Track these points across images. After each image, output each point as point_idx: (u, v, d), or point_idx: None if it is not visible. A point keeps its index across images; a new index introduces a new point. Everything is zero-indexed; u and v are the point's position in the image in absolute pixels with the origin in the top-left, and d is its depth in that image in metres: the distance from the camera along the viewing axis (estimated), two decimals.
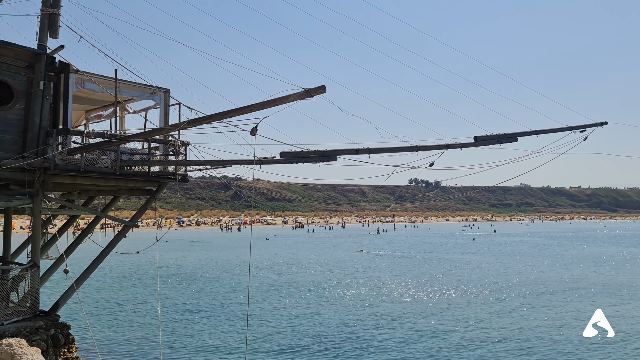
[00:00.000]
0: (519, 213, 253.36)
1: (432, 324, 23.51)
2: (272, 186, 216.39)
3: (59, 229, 18.82)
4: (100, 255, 16.14)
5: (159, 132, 14.77)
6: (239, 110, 11.66)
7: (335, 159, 13.01)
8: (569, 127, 14.75)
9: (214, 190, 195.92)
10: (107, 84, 15.07)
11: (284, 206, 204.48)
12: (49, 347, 13.91)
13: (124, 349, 19.20)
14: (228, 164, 14.53)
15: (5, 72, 13.22)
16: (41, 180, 13.52)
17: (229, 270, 44.94)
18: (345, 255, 60.07)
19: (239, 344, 19.83)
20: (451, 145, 13.61)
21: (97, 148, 13.89)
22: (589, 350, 18.65)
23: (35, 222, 14.27)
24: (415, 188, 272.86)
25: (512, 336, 20.79)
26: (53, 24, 13.83)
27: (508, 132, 14.46)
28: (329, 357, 18.39)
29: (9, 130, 13.30)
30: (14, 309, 14.08)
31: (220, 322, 23.92)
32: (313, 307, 27.57)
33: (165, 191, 16.99)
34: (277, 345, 19.74)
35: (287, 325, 23.12)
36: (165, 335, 20.97)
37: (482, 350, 18.97)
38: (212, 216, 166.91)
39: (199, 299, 30.33)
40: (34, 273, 14.00)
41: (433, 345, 19.90)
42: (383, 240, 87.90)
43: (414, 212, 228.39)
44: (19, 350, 7.75)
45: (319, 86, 10.87)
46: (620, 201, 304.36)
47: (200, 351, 19.05)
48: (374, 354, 18.75)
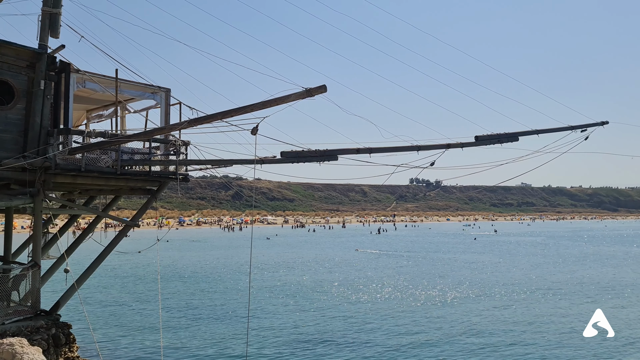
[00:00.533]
0: (520, 213, 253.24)
1: (430, 323, 23.51)
2: (273, 186, 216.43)
3: (60, 228, 18.83)
4: (101, 255, 16.14)
5: (160, 131, 14.78)
6: (240, 109, 11.66)
7: (336, 159, 13.00)
8: (570, 126, 14.72)
9: (215, 189, 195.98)
10: (107, 84, 15.07)
11: (285, 206, 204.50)
12: (50, 346, 13.92)
13: (125, 348, 19.21)
14: (229, 164, 14.52)
15: (6, 72, 13.23)
16: (42, 179, 13.53)
17: (230, 269, 44.95)
18: (346, 254, 60.10)
19: (239, 343, 19.84)
20: (452, 144, 13.60)
21: (98, 148, 13.90)
22: (589, 350, 18.62)
23: (36, 221, 14.27)
24: (416, 188, 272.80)
25: (512, 336, 20.78)
26: (54, 24, 13.83)
27: (509, 132, 14.44)
28: (328, 355, 18.39)
29: (10, 129, 13.31)
30: (15, 309, 14.09)
31: (221, 321, 23.93)
32: (314, 306, 27.57)
33: (166, 191, 17.00)
34: (278, 344, 19.74)
35: (287, 324, 23.12)
36: (166, 334, 20.98)
37: (482, 350, 18.96)
38: (212, 216, 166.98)
39: (199, 298, 30.35)
40: (34, 272, 14.01)
41: (431, 344, 19.90)
42: (383, 240, 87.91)
43: (415, 212, 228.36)
44: (20, 349, 7.75)
45: (320, 86, 10.87)
46: (621, 201, 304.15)
47: (201, 350, 19.05)
48: (374, 353, 18.74)
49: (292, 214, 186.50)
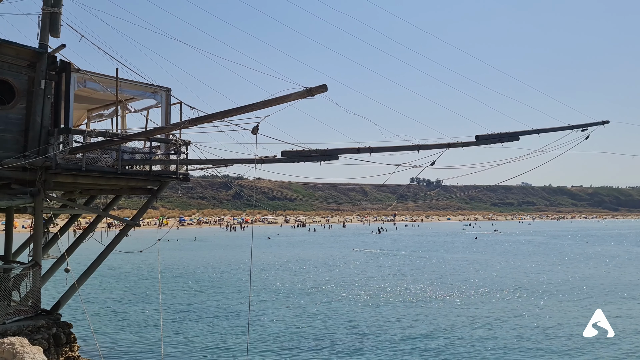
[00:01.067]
0: (521, 212, 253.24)
1: (429, 322, 23.50)
2: (273, 185, 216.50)
3: (60, 228, 18.85)
4: (101, 255, 16.16)
5: (161, 131, 14.78)
6: (241, 109, 11.66)
7: (337, 158, 13.00)
8: (571, 125, 14.70)
9: (216, 189, 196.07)
10: (108, 83, 15.08)
11: (286, 205, 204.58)
12: (50, 345, 13.93)
13: (126, 348, 19.21)
14: (229, 163, 14.54)
15: (7, 71, 13.24)
16: (42, 179, 13.54)
17: (231, 269, 44.96)
18: (346, 254, 60.13)
19: (240, 342, 19.84)
20: (453, 144, 13.59)
21: (98, 147, 13.90)
22: (589, 350, 18.58)
23: (37, 221, 14.29)
24: (417, 187, 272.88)
25: (511, 335, 20.75)
26: (54, 23, 13.84)
27: (509, 131, 14.43)
28: (328, 355, 18.39)
29: (11, 129, 13.32)
30: (16, 308, 14.10)
31: (222, 320, 23.93)
32: (314, 305, 27.57)
33: (166, 190, 17.01)
34: (279, 342, 19.74)
35: (288, 324, 23.12)
36: (166, 333, 20.98)
37: (482, 349, 18.95)
38: (213, 215, 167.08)
39: (200, 297, 30.35)
40: (35, 272, 14.02)
41: (430, 342, 19.89)
42: (383, 239, 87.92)
43: (416, 211, 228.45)
44: (20, 349, 7.76)
45: (321, 85, 10.86)
46: (621, 200, 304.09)
47: (201, 350, 19.05)
48: (375, 352, 18.74)
49: (292, 214, 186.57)
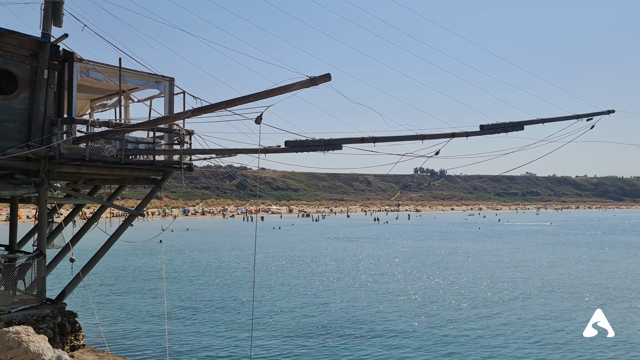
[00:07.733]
0: (525, 202, 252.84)
1: (427, 322, 23.56)
2: (277, 175, 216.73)
3: (65, 218, 18.91)
4: (105, 244, 16.24)
5: (164, 120, 14.77)
6: (244, 98, 11.63)
7: (341, 148, 12.98)
8: (576, 115, 14.62)
9: (219, 179, 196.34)
10: (111, 73, 15.04)
11: (289, 195, 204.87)
12: (55, 334, 14.04)
13: (131, 337, 19.33)
14: (233, 153, 14.52)
15: (10, 61, 13.21)
16: (46, 169, 13.56)
17: (235, 259, 45.11)
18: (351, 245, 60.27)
19: (244, 333, 19.93)
20: (457, 134, 13.55)
21: (102, 137, 13.91)
22: (589, 350, 18.45)
23: (41, 211, 14.35)
24: (421, 177, 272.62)
25: (510, 335, 20.66)
26: (57, 13, 13.79)
27: (514, 121, 14.37)
28: (331, 345, 18.46)
29: (14, 119, 13.32)
30: (21, 297, 14.20)
31: (227, 310, 24.04)
32: (320, 295, 27.66)
33: (170, 180, 17.03)
34: (283, 332, 19.83)
35: (292, 314, 23.21)
36: (171, 323, 21.10)
37: (481, 348, 18.92)
38: (217, 205, 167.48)
39: (205, 287, 30.49)
40: (40, 262, 14.10)
41: (429, 339, 19.95)
42: (383, 229, 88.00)
43: (419, 201, 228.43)
44: (26, 337, 7.81)
45: (324, 74, 10.82)
46: (626, 190, 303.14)
47: (206, 338, 19.15)
48: (376, 347, 18.81)
49: (296, 204, 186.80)
